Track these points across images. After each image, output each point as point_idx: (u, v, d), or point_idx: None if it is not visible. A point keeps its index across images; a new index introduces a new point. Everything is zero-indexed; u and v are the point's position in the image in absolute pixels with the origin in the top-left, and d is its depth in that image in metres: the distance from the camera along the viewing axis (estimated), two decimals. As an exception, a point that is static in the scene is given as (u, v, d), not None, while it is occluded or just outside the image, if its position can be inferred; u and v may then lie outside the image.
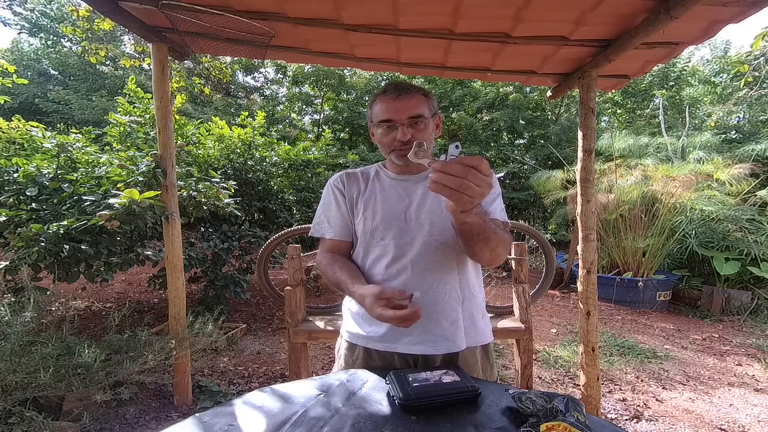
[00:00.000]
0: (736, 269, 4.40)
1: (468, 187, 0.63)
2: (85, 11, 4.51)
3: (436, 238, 0.97)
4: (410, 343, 0.96)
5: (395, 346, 0.98)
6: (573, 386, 2.65)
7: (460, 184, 0.63)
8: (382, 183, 1.06)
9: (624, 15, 1.54)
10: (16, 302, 1.89)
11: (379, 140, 1.02)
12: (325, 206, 1.09)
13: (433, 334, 0.96)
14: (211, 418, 0.75)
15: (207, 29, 1.69)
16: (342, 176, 1.10)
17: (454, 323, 0.97)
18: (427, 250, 0.97)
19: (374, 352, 1.01)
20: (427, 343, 0.96)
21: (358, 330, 1.03)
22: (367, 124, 1.07)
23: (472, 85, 9.62)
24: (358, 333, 1.03)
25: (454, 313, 0.97)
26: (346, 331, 1.08)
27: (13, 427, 1.64)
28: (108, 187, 2.35)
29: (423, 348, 0.96)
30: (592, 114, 1.94)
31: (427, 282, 0.97)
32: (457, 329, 0.97)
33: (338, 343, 1.12)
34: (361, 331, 1.02)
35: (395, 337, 0.97)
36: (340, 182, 1.08)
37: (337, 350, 1.12)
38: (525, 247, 2.13)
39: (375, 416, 0.75)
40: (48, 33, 11.00)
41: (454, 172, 0.63)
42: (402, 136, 0.94)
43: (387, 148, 1.00)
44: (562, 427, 0.65)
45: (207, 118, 6.34)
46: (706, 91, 9.83)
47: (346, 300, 1.11)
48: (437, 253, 0.97)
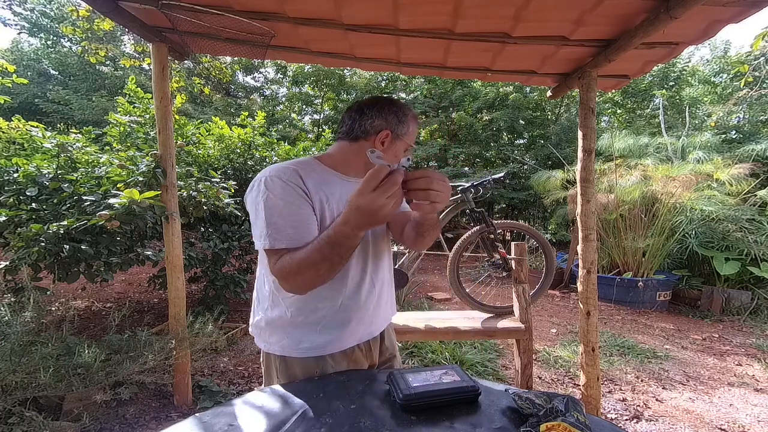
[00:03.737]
0: (736, 269, 4.40)
1: (438, 194, 0.76)
2: (85, 11, 4.51)
3: (379, 227, 1.07)
4: (366, 331, 1.05)
5: (348, 340, 1.01)
6: (573, 386, 2.65)
7: (439, 192, 0.76)
8: (335, 183, 0.99)
9: (624, 15, 1.54)
10: (16, 302, 1.89)
11: (394, 152, 1.00)
12: (287, 211, 0.89)
13: (380, 316, 1.08)
14: (211, 418, 0.75)
15: (207, 29, 1.69)
16: (297, 172, 0.93)
17: (388, 301, 1.12)
18: (376, 240, 1.06)
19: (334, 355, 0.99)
20: (375, 325, 1.07)
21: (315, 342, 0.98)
22: (381, 129, 0.98)
23: (472, 85, 9.62)
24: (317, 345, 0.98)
25: (390, 292, 1.13)
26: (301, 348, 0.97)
27: (13, 427, 1.64)
28: (108, 187, 2.35)
29: (374, 330, 1.07)
30: (592, 114, 1.94)
31: (379, 267, 1.07)
32: (391, 307, 1.14)
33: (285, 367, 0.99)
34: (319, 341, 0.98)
35: (343, 330, 0.99)
36: (302, 182, 0.92)
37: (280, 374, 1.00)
38: (525, 247, 2.13)
39: (375, 416, 0.75)
40: (48, 33, 11.01)
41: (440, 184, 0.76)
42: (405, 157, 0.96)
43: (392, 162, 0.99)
44: (562, 427, 0.65)
45: (207, 118, 6.35)
46: (706, 91, 9.84)
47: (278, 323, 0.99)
48: (381, 241, 1.08)
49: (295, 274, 0.84)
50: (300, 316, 0.98)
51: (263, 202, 0.88)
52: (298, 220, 0.89)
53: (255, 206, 0.90)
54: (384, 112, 0.99)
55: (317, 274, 0.83)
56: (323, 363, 0.98)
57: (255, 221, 0.90)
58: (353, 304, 1.00)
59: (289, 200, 0.89)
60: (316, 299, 0.96)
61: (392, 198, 0.73)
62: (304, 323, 0.98)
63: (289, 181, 0.90)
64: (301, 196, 0.90)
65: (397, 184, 0.73)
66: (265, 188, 0.89)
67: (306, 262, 0.82)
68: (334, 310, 0.98)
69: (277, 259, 0.87)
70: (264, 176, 0.90)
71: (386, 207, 0.73)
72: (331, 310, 0.98)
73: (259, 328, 1.03)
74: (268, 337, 1.01)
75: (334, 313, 0.98)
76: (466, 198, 2.18)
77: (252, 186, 0.93)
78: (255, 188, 0.91)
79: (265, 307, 1.01)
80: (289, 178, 0.90)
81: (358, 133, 1.00)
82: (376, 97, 1.05)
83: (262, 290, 1.04)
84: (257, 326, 1.04)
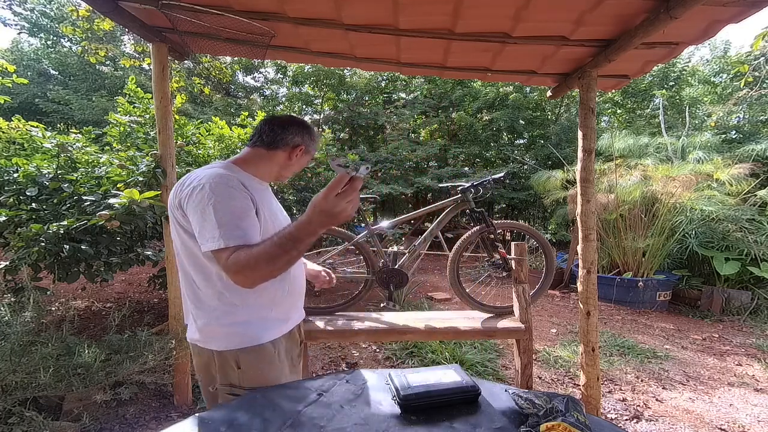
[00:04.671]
0: (736, 269, 4.39)
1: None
2: (85, 11, 4.51)
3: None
4: (299, 312, 1.24)
5: (291, 323, 1.18)
6: (573, 386, 2.65)
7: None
8: (256, 188, 1.10)
9: (624, 15, 1.54)
10: (16, 302, 1.89)
11: (300, 165, 1.20)
12: (238, 211, 0.96)
13: (302, 298, 1.28)
14: (211, 418, 0.75)
15: (207, 29, 1.69)
16: (236, 178, 1.02)
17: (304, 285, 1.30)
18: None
19: (283, 338, 1.13)
20: (303, 305, 1.27)
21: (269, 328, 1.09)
22: (297, 144, 1.16)
23: (472, 85, 9.62)
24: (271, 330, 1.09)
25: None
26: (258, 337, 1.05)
27: (13, 427, 1.64)
28: (108, 187, 2.35)
29: (303, 310, 1.28)
30: (592, 114, 1.94)
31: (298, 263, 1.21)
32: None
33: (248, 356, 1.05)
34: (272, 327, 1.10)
35: (288, 315, 1.17)
36: (242, 185, 1.01)
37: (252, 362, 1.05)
38: (525, 247, 2.13)
39: (375, 416, 0.75)
40: (48, 33, 11.01)
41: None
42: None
43: (296, 171, 1.24)
44: (562, 427, 0.65)
45: (207, 118, 6.35)
46: (706, 91, 9.83)
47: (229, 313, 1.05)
48: None
49: (252, 268, 0.89)
50: (252, 308, 1.06)
51: (212, 206, 0.93)
52: (246, 219, 0.97)
53: (201, 211, 0.94)
54: (302, 130, 1.17)
55: (274, 268, 0.90)
56: (278, 345, 1.10)
57: (203, 225, 0.94)
58: (294, 289, 1.18)
59: (237, 202, 0.97)
60: (265, 290, 1.05)
61: (351, 202, 0.84)
62: (257, 314, 1.07)
63: (233, 185, 0.98)
64: (246, 197, 0.99)
65: (356, 190, 0.84)
66: (212, 193, 0.94)
67: (264, 257, 0.88)
68: (283, 296, 1.13)
69: (230, 255, 0.91)
70: (207, 182, 0.96)
71: (346, 210, 0.84)
72: (281, 298, 1.12)
73: (209, 330, 1.05)
74: (223, 336, 1.05)
75: (283, 299, 1.13)
76: (466, 198, 2.18)
77: (191, 193, 0.97)
78: (198, 194, 0.96)
79: (213, 309, 1.04)
80: (231, 182, 0.98)
81: (278, 144, 1.14)
82: (293, 116, 1.22)
83: (205, 295, 1.05)
84: (204, 331, 1.06)
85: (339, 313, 2.16)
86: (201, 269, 1.03)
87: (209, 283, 1.04)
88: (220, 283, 1.02)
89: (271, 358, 1.07)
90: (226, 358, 1.04)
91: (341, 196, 0.82)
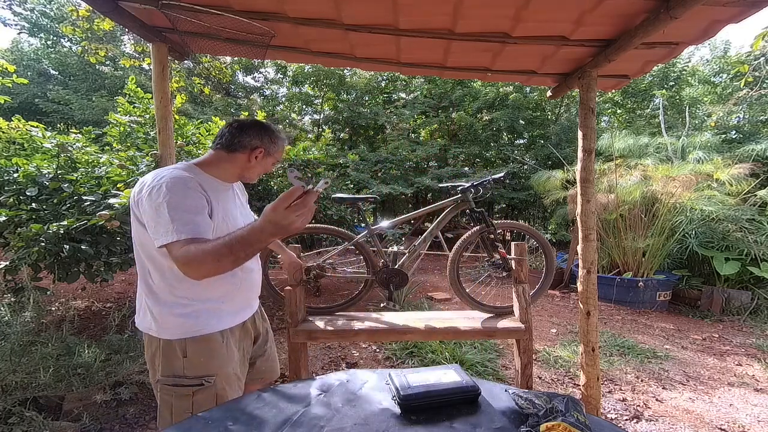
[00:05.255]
0: (736, 269, 4.39)
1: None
2: (85, 11, 4.51)
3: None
4: (250, 306, 1.29)
5: (243, 315, 1.24)
6: (573, 386, 2.65)
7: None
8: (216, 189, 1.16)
9: (624, 15, 1.54)
10: (16, 302, 1.90)
11: (264, 165, 1.23)
12: (191, 209, 1.02)
13: (255, 294, 1.33)
14: (211, 417, 0.75)
15: (207, 29, 1.69)
16: (195, 180, 1.08)
17: (258, 282, 1.36)
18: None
19: (235, 329, 1.20)
20: (254, 301, 1.32)
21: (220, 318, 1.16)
22: (256, 147, 1.19)
23: (472, 85, 9.62)
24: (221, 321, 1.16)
25: (260, 274, 1.37)
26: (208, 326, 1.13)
27: (13, 427, 1.64)
28: (108, 187, 2.35)
29: (254, 305, 1.32)
30: (592, 114, 1.94)
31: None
32: (259, 287, 1.37)
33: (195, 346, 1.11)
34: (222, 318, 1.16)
35: (240, 307, 1.23)
36: (200, 186, 1.07)
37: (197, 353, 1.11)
38: (525, 247, 2.13)
39: (375, 416, 0.75)
40: (48, 33, 11.01)
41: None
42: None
43: (261, 173, 1.27)
44: (562, 427, 0.65)
45: (207, 118, 6.34)
46: (706, 91, 9.83)
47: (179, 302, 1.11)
48: None
49: (200, 262, 0.93)
50: (204, 301, 1.12)
51: (166, 203, 0.99)
52: (199, 214, 1.02)
53: (156, 209, 0.99)
54: (261, 133, 1.20)
55: (219, 265, 0.93)
56: (227, 336, 1.16)
57: (157, 221, 0.99)
58: (247, 285, 1.25)
59: (190, 199, 1.02)
60: (217, 284, 1.13)
61: (301, 216, 0.85)
62: (208, 306, 1.13)
63: (190, 186, 1.04)
64: (202, 198, 1.05)
65: (307, 205, 0.85)
66: (167, 191, 1.00)
67: (212, 254, 0.92)
68: (235, 290, 1.20)
69: (181, 247, 0.95)
70: (165, 182, 1.02)
71: (295, 223, 0.85)
72: (233, 292, 1.19)
73: (162, 320, 1.11)
74: (174, 326, 1.10)
75: (235, 293, 1.20)
76: (466, 198, 2.18)
77: (150, 192, 1.02)
78: (155, 192, 1.01)
79: (166, 300, 1.11)
80: (189, 183, 1.04)
81: (237, 147, 1.18)
82: (255, 120, 1.25)
83: (158, 288, 1.11)
84: (158, 320, 1.11)
85: (339, 313, 2.16)
86: (155, 263, 1.09)
87: (163, 276, 1.09)
88: (173, 277, 1.08)
89: (219, 347, 1.13)
90: (174, 347, 1.10)
91: (292, 209, 0.84)
